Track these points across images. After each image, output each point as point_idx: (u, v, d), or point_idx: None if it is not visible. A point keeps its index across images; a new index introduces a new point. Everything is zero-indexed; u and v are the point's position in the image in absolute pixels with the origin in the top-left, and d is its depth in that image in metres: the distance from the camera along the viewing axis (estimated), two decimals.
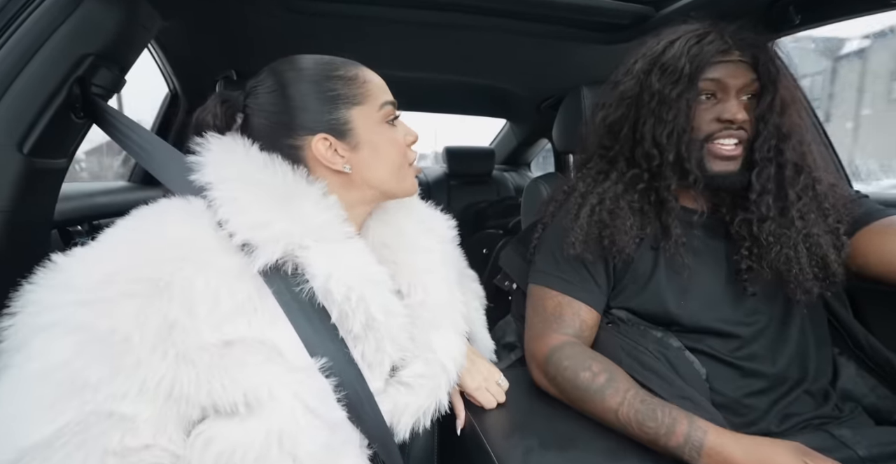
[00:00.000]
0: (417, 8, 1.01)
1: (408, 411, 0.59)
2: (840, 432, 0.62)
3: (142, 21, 0.82)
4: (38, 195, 0.71)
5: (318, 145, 0.56)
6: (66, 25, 0.66)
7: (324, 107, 0.57)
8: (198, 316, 0.44)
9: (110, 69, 0.75)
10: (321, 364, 0.51)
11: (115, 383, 0.42)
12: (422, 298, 0.63)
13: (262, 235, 0.49)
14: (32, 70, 0.63)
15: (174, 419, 0.44)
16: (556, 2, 0.96)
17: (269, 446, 0.45)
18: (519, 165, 2.79)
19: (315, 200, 0.55)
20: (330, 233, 0.54)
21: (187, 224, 0.49)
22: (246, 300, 0.48)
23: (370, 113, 0.59)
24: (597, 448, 0.60)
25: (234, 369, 0.45)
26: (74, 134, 0.74)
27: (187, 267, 0.45)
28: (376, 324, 0.55)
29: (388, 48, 1.32)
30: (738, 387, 0.67)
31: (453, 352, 0.64)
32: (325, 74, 0.58)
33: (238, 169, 0.53)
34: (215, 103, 0.60)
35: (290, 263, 0.51)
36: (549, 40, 1.20)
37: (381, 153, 0.60)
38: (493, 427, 0.65)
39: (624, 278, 0.74)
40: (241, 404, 0.45)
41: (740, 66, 0.64)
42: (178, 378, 0.43)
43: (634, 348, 0.68)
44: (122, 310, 0.43)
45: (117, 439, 0.42)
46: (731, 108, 0.64)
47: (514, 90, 1.78)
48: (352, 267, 0.54)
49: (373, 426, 0.55)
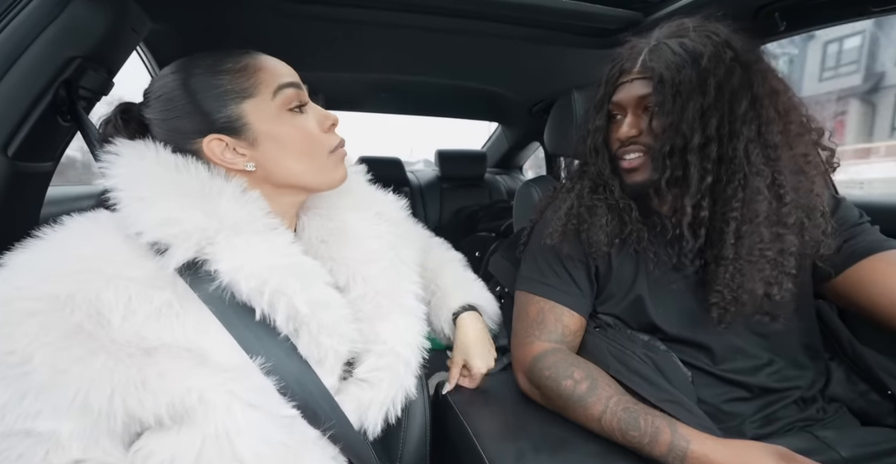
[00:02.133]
0: (410, 12, 1.01)
1: (373, 406, 0.58)
2: (824, 433, 0.63)
3: (130, 23, 0.81)
4: (23, 199, 0.70)
5: (210, 147, 0.53)
6: (53, 27, 0.65)
7: (212, 105, 0.53)
8: (111, 324, 0.43)
9: (98, 72, 0.74)
10: (259, 363, 0.49)
11: (24, 404, 0.40)
12: (362, 290, 0.62)
13: (172, 232, 0.47)
14: (18, 72, 0.62)
15: (105, 433, 0.43)
16: (548, 7, 0.97)
17: (210, 451, 0.44)
18: (511, 168, 2.80)
19: (233, 196, 0.52)
20: (248, 226, 0.51)
21: (91, 238, 0.47)
22: (164, 306, 0.46)
23: (264, 103, 0.54)
24: (588, 451, 0.60)
25: (154, 381, 0.43)
26: (61, 137, 0.74)
27: (93, 280, 0.43)
28: (303, 317, 0.52)
29: (381, 52, 1.32)
30: (720, 393, 0.67)
31: (407, 337, 0.63)
32: (211, 71, 0.54)
33: (147, 170, 0.50)
34: (115, 114, 0.57)
35: (207, 262, 0.49)
36: (541, 44, 1.21)
37: (285, 145, 0.55)
38: (485, 431, 0.65)
39: (608, 284, 0.74)
40: (167, 416, 0.43)
41: (636, 83, 0.67)
42: (89, 395, 0.41)
43: (622, 352, 0.68)
44: (21, 330, 0.41)
45: (40, 456, 0.40)
46: (621, 126, 0.69)
47: (506, 94, 1.79)
48: (266, 259, 0.51)
49: (333, 425, 0.54)
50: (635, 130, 0.67)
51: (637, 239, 0.71)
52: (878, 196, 1.19)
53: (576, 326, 0.73)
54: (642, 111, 0.67)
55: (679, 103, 0.62)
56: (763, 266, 0.63)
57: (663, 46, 0.65)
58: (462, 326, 0.78)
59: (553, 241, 0.73)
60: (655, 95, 0.64)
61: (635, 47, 0.69)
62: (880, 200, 1.11)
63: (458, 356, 0.78)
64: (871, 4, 0.82)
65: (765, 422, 0.66)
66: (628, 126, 0.68)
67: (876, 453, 0.60)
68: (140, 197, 0.48)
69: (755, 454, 0.52)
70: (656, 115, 0.64)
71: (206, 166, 0.53)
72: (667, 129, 0.63)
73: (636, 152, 0.68)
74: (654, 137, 0.66)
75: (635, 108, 0.68)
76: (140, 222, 0.47)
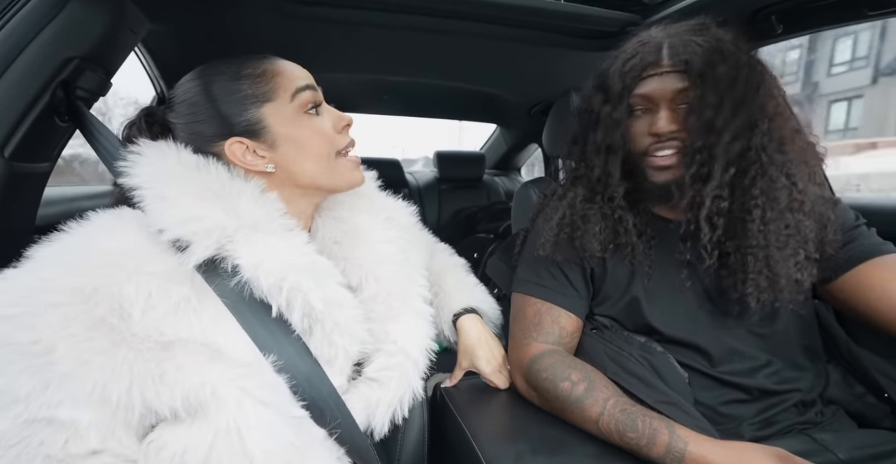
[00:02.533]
0: (409, 13, 1.01)
1: (381, 405, 0.59)
2: (821, 435, 0.63)
3: (129, 24, 0.81)
4: (19, 200, 0.70)
5: (232, 149, 0.55)
6: (51, 27, 0.65)
7: (233, 110, 0.55)
8: (131, 318, 0.44)
9: (95, 72, 0.74)
10: (271, 361, 0.50)
11: (48, 393, 0.41)
12: (374, 291, 0.63)
13: (193, 229, 0.48)
14: (15, 72, 0.62)
15: (122, 424, 0.44)
16: (546, 9, 0.98)
17: (221, 446, 0.44)
18: (509, 169, 2.80)
19: (252, 196, 0.54)
20: (266, 226, 0.53)
21: (115, 234, 0.49)
22: (183, 301, 0.47)
23: (282, 107, 0.56)
24: (586, 453, 0.60)
25: (171, 374, 0.44)
26: (58, 138, 0.73)
27: (116, 274, 0.45)
28: (318, 314, 0.54)
29: (380, 53, 1.33)
30: (717, 396, 0.67)
31: (416, 338, 0.64)
32: (231, 76, 0.56)
33: (169, 170, 0.52)
34: (140, 117, 0.59)
35: (227, 258, 0.50)
36: (539, 47, 1.21)
37: (303, 146, 0.57)
38: (483, 432, 0.65)
39: (604, 286, 0.74)
40: (182, 409, 0.44)
41: (668, 77, 0.64)
42: (108, 387, 0.42)
43: (619, 353, 0.68)
44: (44, 321, 0.42)
45: (60, 445, 0.41)
46: (657, 121, 0.65)
47: (505, 96, 1.80)
48: (284, 257, 0.52)
49: (340, 425, 0.54)
50: (675, 125, 0.65)
51: (632, 253, 0.71)
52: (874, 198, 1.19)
53: (573, 327, 0.73)
54: (677, 106, 0.65)
55: (717, 98, 0.61)
56: (793, 251, 0.63)
57: (687, 41, 0.64)
58: (463, 330, 0.79)
59: (545, 251, 0.73)
60: (694, 90, 0.62)
61: (649, 41, 0.67)
62: (878, 201, 1.12)
63: (464, 360, 0.78)
64: (866, 8, 0.82)
65: (763, 425, 0.66)
66: (666, 121, 0.65)
67: (873, 455, 0.60)
68: (163, 196, 0.50)
69: (753, 456, 0.52)
70: (698, 109, 0.62)
71: (227, 167, 0.55)
72: (705, 124, 0.62)
73: (671, 149, 0.66)
74: (686, 135, 0.65)
75: (670, 102, 0.65)
76: (163, 220, 0.48)
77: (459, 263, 0.91)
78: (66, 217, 0.49)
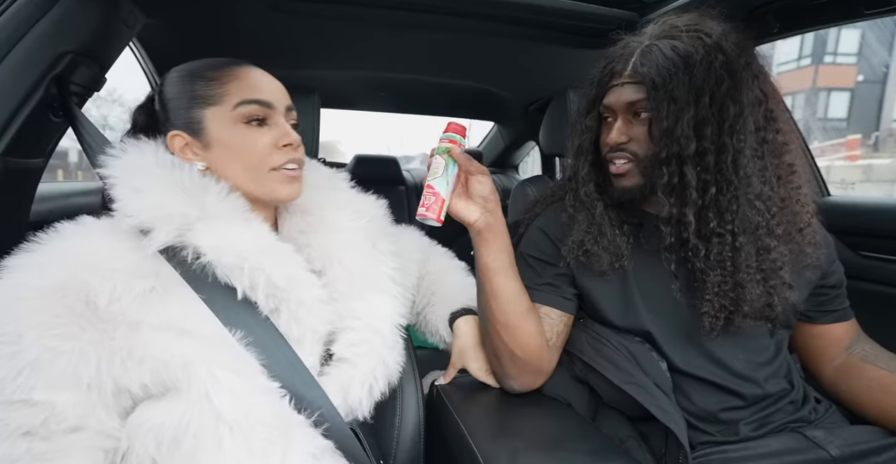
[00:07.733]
0: (406, 10, 1.01)
1: (354, 382, 0.60)
2: (813, 433, 0.64)
3: (123, 18, 0.81)
4: (13, 195, 0.69)
5: (172, 140, 0.59)
6: (44, 22, 0.64)
7: (181, 105, 0.60)
8: (97, 306, 0.46)
9: (90, 67, 0.73)
10: (239, 337, 0.52)
11: (19, 379, 0.43)
12: (338, 272, 0.65)
13: (156, 215, 0.52)
14: (8, 67, 0.62)
15: (99, 404, 0.46)
16: (544, 6, 0.97)
17: (192, 413, 0.46)
18: (506, 167, 2.80)
19: (218, 194, 0.57)
20: (228, 216, 0.56)
21: (79, 237, 0.52)
22: (147, 292, 0.49)
23: (223, 113, 0.59)
24: (582, 449, 0.60)
25: (139, 349, 0.47)
26: (52, 133, 0.73)
27: (81, 271, 0.47)
28: (282, 293, 0.56)
29: (377, 50, 1.32)
30: (717, 402, 0.67)
31: (382, 312, 0.66)
32: (191, 75, 0.60)
33: (144, 165, 0.56)
34: (147, 101, 0.64)
35: (189, 245, 0.53)
36: (537, 44, 1.21)
37: (232, 154, 0.59)
38: (479, 429, 0.65)
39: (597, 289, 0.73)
40: (151, 384, 0.47)
41: (626, 88, 0.65)
42: (79, 368, 0.45)
43: (597, 340, 0.70)
44: (12, 313, 0.45)
45: (39, 421, 0.43)
46: (611, 132, 0.67)
47: (502, 93, 1.79)
48: (246, 240, 0.55)
49: (315, 403, 0.55)
50: (625, 137, 0.66)
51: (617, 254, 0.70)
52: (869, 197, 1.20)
53: (561, 326, 0.73)
54: (632, 116, 0.66)
55: (673, 110, 0.61)
56: (763, 276, 0.63)
57: (654, 49, 0.63)
58: (458, 330, 0.80)
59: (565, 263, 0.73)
60: (649, 102, 0.63)
61: (627, 47, 0.67)
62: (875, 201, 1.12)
63: (457, 360, 0.80)
64: (863, 7, 0.83)
65: (760, 424, 0.67)
66: (618, 132, 0.66)
67: (864, 451, 0.61)
68: (134, 186, 0.54)
69: None
70: (654, 120, 0.63)
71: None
72: (662, 135, 0.62)
73: (623, 159, 0.67)
74: (640, 145, 0.65)
75: (625, 113, 0.66)
76: (129, 206, 0.52)
77: (460, 266, 0.92)
78: (59, 213, 0.50)
